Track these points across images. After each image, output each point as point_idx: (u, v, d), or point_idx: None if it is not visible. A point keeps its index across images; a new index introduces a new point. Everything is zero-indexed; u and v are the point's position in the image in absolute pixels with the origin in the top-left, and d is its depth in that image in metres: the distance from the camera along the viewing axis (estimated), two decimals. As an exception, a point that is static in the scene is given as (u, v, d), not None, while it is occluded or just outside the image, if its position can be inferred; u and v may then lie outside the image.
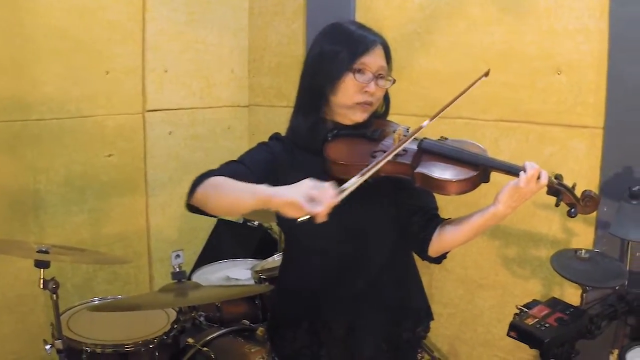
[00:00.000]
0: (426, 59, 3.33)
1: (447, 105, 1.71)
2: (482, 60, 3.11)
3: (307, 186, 1.46)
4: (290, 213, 1.47)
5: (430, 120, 1.68)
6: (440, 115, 1.70)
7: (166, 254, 3.83)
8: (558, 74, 2.87)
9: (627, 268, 2.57)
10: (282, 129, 2.03)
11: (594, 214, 2.76)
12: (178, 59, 3.83)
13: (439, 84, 3.28)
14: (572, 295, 2.83)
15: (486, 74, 1.78)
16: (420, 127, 1.68)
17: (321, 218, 1.42)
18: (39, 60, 3.15)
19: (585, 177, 2.82)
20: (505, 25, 3.03)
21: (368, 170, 1.55)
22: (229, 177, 1.74)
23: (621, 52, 2.68)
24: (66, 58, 3.25)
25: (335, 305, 1.90)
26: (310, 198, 1.43)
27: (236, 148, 4.27)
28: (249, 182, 1.71)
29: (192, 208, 1.80)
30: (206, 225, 4.04)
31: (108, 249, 3.48)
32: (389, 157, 1.62)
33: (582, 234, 2.88)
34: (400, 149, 1.67)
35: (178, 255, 3.93)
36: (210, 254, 3.86)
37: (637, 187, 2.46)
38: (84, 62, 3.33)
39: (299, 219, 1.44)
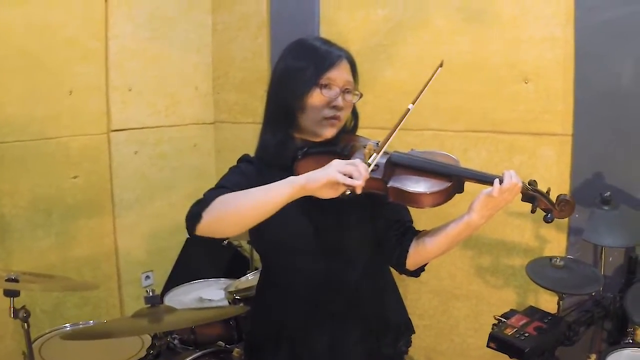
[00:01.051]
0: (392, 71, 3.33)
1: (407, 113, 1.76)
2: (448, 71, 3.06)
3: (339, 164, 1.50)
4: (327, 192, 1.50)
5: (398, 126, 1.70)
6: (401, 126, 1.71)
7: (136, 276, 3.79)
8: (525, 82, 2.89)
9: (602, 273, 2.59)
10: (249, 146, 1.99)
11: (566, 220, 2.79)
12: (142, 77, 3.78)
13: (406, 96, 3.20)
14: (547, 302, 2.84)
15: (441, 65, 1.80)
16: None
17: (359, 189, 1.46)
18: (-1, 81, 3.09)
19: (555, 185, 2.78)
20: (471, 35, 3.05)
21: (384, 143, 1.62)
22: None
23: (588, 59, 2.71)
24: (27, 78, 3.19)
25: (315, 323, 1.87)
26: (347, 173, 1.47)
27: (203, 166, 4.24)
28: None
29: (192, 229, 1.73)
30: (175, 245, 3.98)
31: (76, 273, 3.41)
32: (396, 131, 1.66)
33: (555, 241, 2.90)
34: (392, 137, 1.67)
35: (148, 277, 3.90)
36: (181, 274, 3.80)
37: (608, 193, 2.49)
38: (46, 82, 3.27)
39: (340, 196, 1.49)
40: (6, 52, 3.09)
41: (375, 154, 1.57)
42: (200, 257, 3.87)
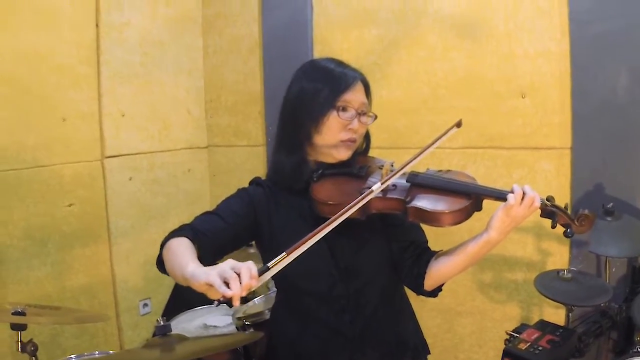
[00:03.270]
0: (388, 89, 3.34)
1: (419, 154, 1.71)
2: (444, 87, 3.14)
3: (223, 267, 1.35)
4: (209, 295, 1.38)
5: (402, 169, 1.67)
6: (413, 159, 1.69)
7: (134, 304, 3.74)
8: (522, 97, 2.92)
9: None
10: (243, 169, 1.99)
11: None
12: (134, 102, 3.75)
13: (402, 114, 3.29)
14: (551, 315, 2.85)
15: (458, 125, 1.78)
16: (393, 174, 1.66)
17: (235, 302, 1.32)
18: (-12, 109, 3.04)
19: (556, 198, 2.83)
20: (465, 51, 3.07)
21: (298, 247, 1.43)
22: (199, 232, 1.73)
23: (584, 72, 2.75)
24: (17, 105, 3.13)
25: (333, 347, 1.85)
26: (225, 280, 1.32)
27: (197, 191, 4.21)
28: (222, 235, 1.76)
29: (162, 269, 1.74)
30: (172, 271, 3.93)
31: (74, 302, 3.35)
32: (340, 220, 1.52)
33: (557, 254, 2.91)
34: (385, 185, 1.64)
35: (146, 304, 3.85)
36: (179, 300, 3.75)
37: (611, 204, 2.50)
38: (37, 109, 3.22)
39: (215, 302, 1.34)
40: (-5, 80, 3.06)
41: (268, 271, 1.38)
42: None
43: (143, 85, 3.80)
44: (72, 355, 2.51)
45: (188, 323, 3.13)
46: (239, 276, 1.31)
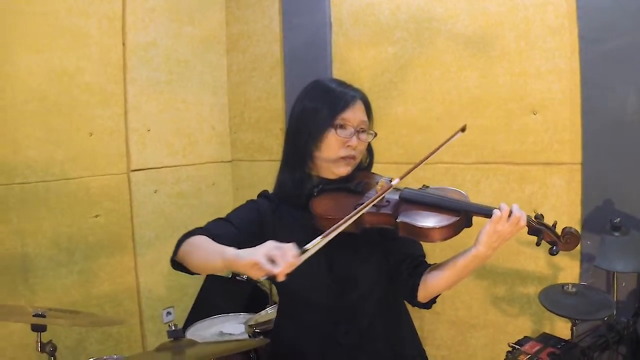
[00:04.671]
0: (403, 107, 3.41)
1: (422, 161, 1.75)
2: (458, 105, 3.20)
3: (268, 247, 1.48)
4: (252, 273, 1.49)
5: (401, 179, 1.71)
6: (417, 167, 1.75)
7: (157, 312, 3.85)
8: (534, 114, 2.96)
9: (615, 298, 2.62)
10: (266, 183, 2.07)
11: (578, 247, 2.83)
12: (160, 118, 3.89)
13: (418, 131, 3.36)
14: (563, 329, 2.86)
15: (462, 130, 1.83)
16: (390, 186, 1.71)
17: (281, 277, 1.43)
18: (20, 125, 3.18)
19: (566, 213, 2.89)
20: (478, 70, 3.13)
21: (332, 231, 1.56)
22: (212, 235, 1.80)
23: (593, 88, 2.78)
24: (47, 121, 3.28)
25: (330, 356, 1.90)
26: (271, 258, 1.44)
27: (221, 204, 4.32)
28: (233, 239, 1.77)
29: (176, 265, 1.85)
30: (195, 281, 4.04)
31: (99, 309, 3.47)
32: (352, 220, 1.62)
33: (568, 268, 2.93)
34: (375, 201, 1.69)
35: (169, 313, 3.96)
36: (201, 309, 3.85)
37: (618, 219, 2.52)
38: (65, 125, 3.37)
39: (260, 278, 1.47)
40: (26, 97, 3.20)
41: (306, 252, 1.51)
42: (220, 292, 3.93)
43: (168, 102, 3.94)
44: (91, 359, 2.63)
45: (205, 330, 3.22)
46: (284, 255, 1.44)
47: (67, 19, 3.35)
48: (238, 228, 1.88)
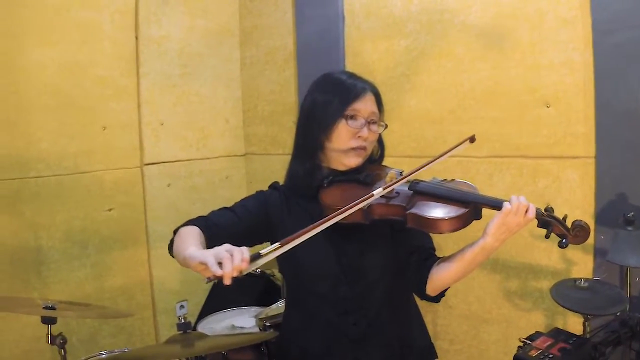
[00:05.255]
0: (416, 99, 3.39)
1: (424, 166, 1.78)
2: (471, 98, 3.18)
3: (219, 249, 1.46)
4: (201, 273, 1.47)
5: (404, 178, 1.74)
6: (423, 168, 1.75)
7: (170, 305, 3.86)
8: (547, 107, 2.93)
9: (628, 293, 2.59)
10: (279, 176, 2.08)
11: (592, 242, 2.81)
12: (173, 112, 3.90)
13: (431, 124, 3.34)
14: (575, 324, 2.84)
15: (471, 140, 1.83)
16: (392, 187, 1.73)
17: (226, 280, 1.40)
18: (34, 118, 3.21)
19: (580, 207, 2.86)
20: (491, 62, 3.10)
21: (293, 239, 1.51)
22: (210, 223, 1.86)
23: (607, 81, 2.74)
24: (61, 115, 3.31)
25: (337, 348, 1.92)
26: (219, 260, 1.41)
27: (234, 197, 4.23)
28: (232, 228, 1.87)
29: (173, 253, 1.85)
30: (209, 275, 4.05)
31: (112, 302, 3.50)
32: (327, 224, 1.59)
33: (581, 263, 2.91)
34: (365, 203, 1.69)
35: (182, 306, 3.95)
36: (214, 303, 3.85)
37: (631, 213, 2.49)
38: (79, 118, 3.39)
39: (206, 279, 1.44)
40: (40, 90, 3.22)
41: (260, 258, 1.46)
42: (234, 286, 3.89)
43: (181, 95, 3.96)
44: (103, 352, 2.65)
45: (216, 324, 3.23)
46: (232, 258, 1.40)
47: (79, 12, 3.37)
48: (240, 217, 1.92)
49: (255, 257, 1.45)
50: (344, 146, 1.87)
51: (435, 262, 1.85)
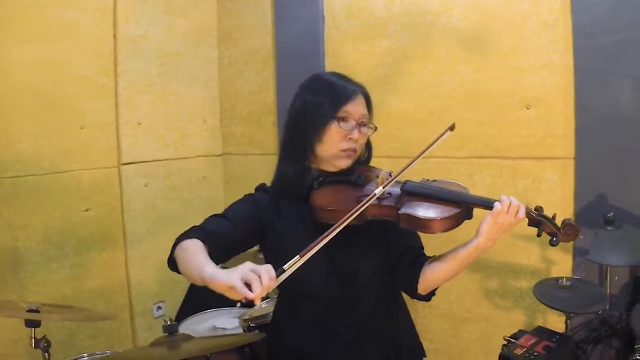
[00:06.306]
0: (397, 101, 3.41)
1: (413, 161, 1.78)
2: (452, 99, 3.20)
3: (244, 269, 1.43)
4: (229, 295, 1.44)
5: (396, 176, 1.75)
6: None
7: (148, 307, 3.83)
8: (528, 108, 2.97)
9: (608, 292, 2.64)
10: (257, 177, 2.06)
11: (571, 242, 2.85)
12: (151, 112, 3.86)
13: (412, 125, 3.35)
14: (555, 322, 2.88)
15: (451, 128, 1.85)
16: (390, 184, 1.73)
17: (257, 301, 1.38)
18: (11, 118, 3.15)
19: (559, 207, 2.89)
20: (472, 64, 3.13)
21: (310, 249, 1.52)
22: (207, 233, 1.80)
23: (587, 83, 2.79)
24: (39, 115, 3.25)
25: (330, 349, 1.91)
26: (247, 282, 1.39)
27: (212, 197, 4.31)
28: (228, 235, 1.83)
29: (173, 267, 1.82)
30: (186, 276, 4.03)
31: (90, 304, 3.44)
32: (347, 222, 1.61)
33: (561, 262, 2.95)
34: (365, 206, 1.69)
35: (160, 307, 3.94)
36: (192, 304, 3.83)
37: (611, 213, 2.54)
38: (57, 118, 3.34)
39: (237, 303, 1.42)
40: (18, 90, 3.16)
41: (284, 273, 1.48)
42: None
43: (160, 95, 3.92)
44: (84, 354, 2.61)
45: (198, 325, 3.20)
46: (260, 278, 1.39)
47: (58, 11, 3.31)
48: (235, 225, 1.87)
49: (280, 273, 1.44)
50: (334, 148, 1.87)
51: (425, 261, 1.86)
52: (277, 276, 1.43)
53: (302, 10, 3.81)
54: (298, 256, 1.48)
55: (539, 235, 1.70)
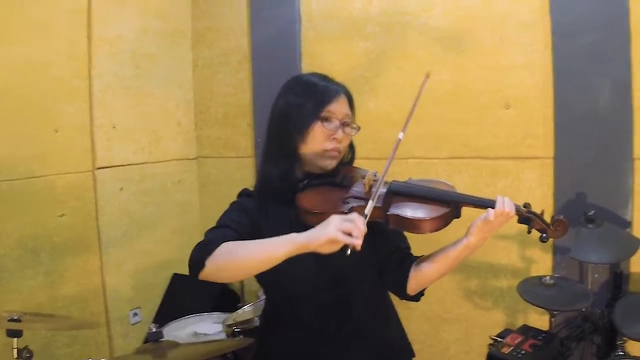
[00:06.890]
0: (375, 102, 3.41)
1: (407, 121, 1.87)
2: (431, 100, 3.20)
3: (337, 221, 1.49)
4: (330, 250, 1.50)
5: (392, 158, 1.73)
6: (396, 156, 1.76)
7: (124, 313, 3.77)
8: (507, 108, 2.99)
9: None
10: (232, 179, 2.04)
11: (551, 240, 2.87)
12: (126, 114, 3.80)
13: (390, 126, 3.34)
14: (536, 320, 2.90)
15: (427, 76, 1.87)
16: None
17: (358, 247, 1.46)
18: (-15, 121, 3.07)
19: (539, 206, 2.83)
20: (451, 64, 3.14)
21: (383, 175, 1.65)
22: (231, 238, 1.73)
23: (566, 83, 2.83)
24: (12, 117, 3.17)
25: (320, 352, 1.89)
26: (346, 231, 1.46)
27: (187, 201, 4.26)
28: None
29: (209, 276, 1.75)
30: (162, 281, 4.00)
31: (66, 311, 3.36)
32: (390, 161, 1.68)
33: (541, 261, 2.98)
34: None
35: (136, 314, 3.88)
36: (169, 310, 3.79)
37: (592, 211, 2.57)
38: (31, 121, 3.25)
39: (348, 252, 1.48)
40: (-9, 91, 3.09)
41: (371, 202, 1.60)
42: (188, 292, 3.86)
43: (134, 97, 3.85)
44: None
45: (179, 331, 3.17)
46: (356, 224, 1.47)
47: (33, 10, 3.23)
48: (237, 232, 1.80)
49: (365, 217, 1.54)
50: (319, 148, 1.85)
51: (413, 261, 1.86)
52: (364, 221, 1.52)
53: (278, 10, 3.79)
54: (371, 200, 1.59)
55: (529, 232, 1.72)
